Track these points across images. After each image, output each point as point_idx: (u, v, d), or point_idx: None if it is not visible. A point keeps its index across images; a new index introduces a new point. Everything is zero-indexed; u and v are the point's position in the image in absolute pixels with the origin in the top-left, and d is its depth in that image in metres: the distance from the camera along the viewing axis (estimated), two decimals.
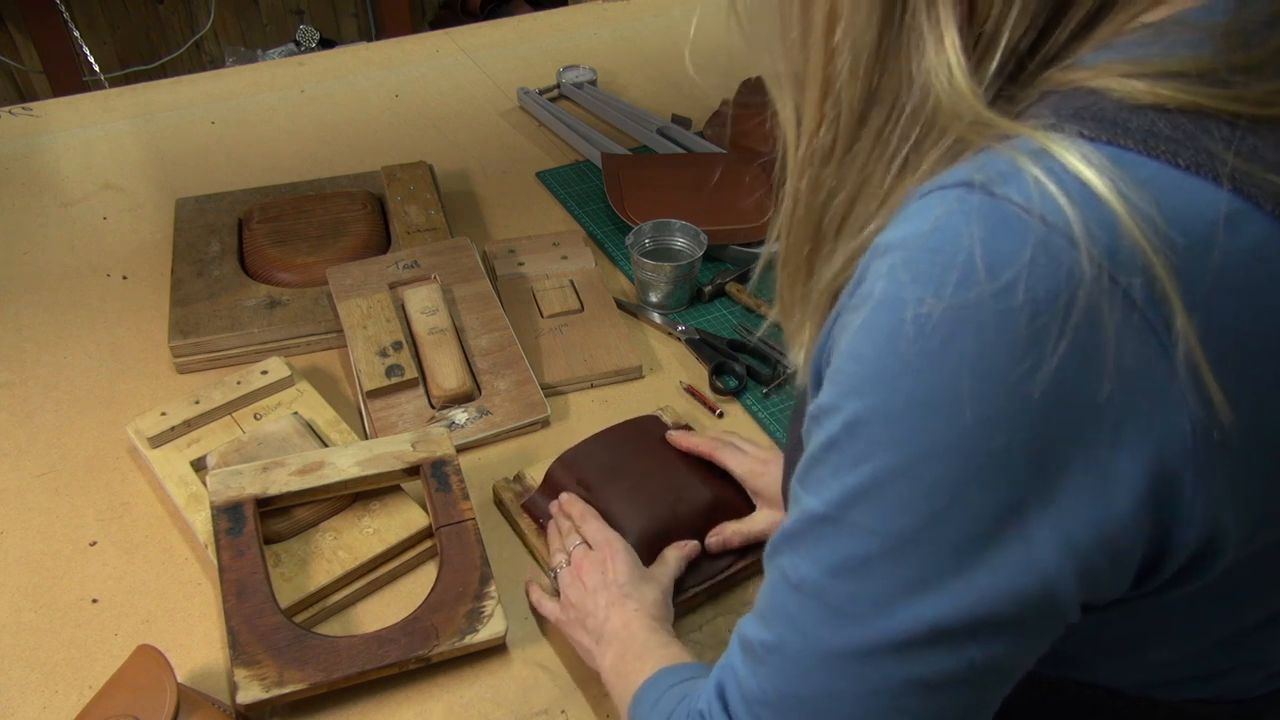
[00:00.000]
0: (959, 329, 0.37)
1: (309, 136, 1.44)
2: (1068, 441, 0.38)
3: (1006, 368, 0.37)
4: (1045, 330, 0.36)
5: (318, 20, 3.14)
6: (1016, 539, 0.39)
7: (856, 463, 0.41)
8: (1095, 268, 0.36)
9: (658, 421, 0.91)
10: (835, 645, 0.43)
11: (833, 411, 0.42)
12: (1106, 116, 0.39)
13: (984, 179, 0.38)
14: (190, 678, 0.74)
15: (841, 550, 0.42)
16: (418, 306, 1.01)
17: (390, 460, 0.83)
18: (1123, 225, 0.36)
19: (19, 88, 2.81)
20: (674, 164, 1.32)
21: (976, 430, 0.38)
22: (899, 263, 0.39)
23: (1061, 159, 0.37)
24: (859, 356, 0.41)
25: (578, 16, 1.82)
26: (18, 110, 1.48)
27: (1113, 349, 0.36)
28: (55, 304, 1.11)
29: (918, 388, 0.39)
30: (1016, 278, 0.36)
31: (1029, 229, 0.36)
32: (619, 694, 0.65)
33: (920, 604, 0.41)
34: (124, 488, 0.90)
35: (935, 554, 0.40)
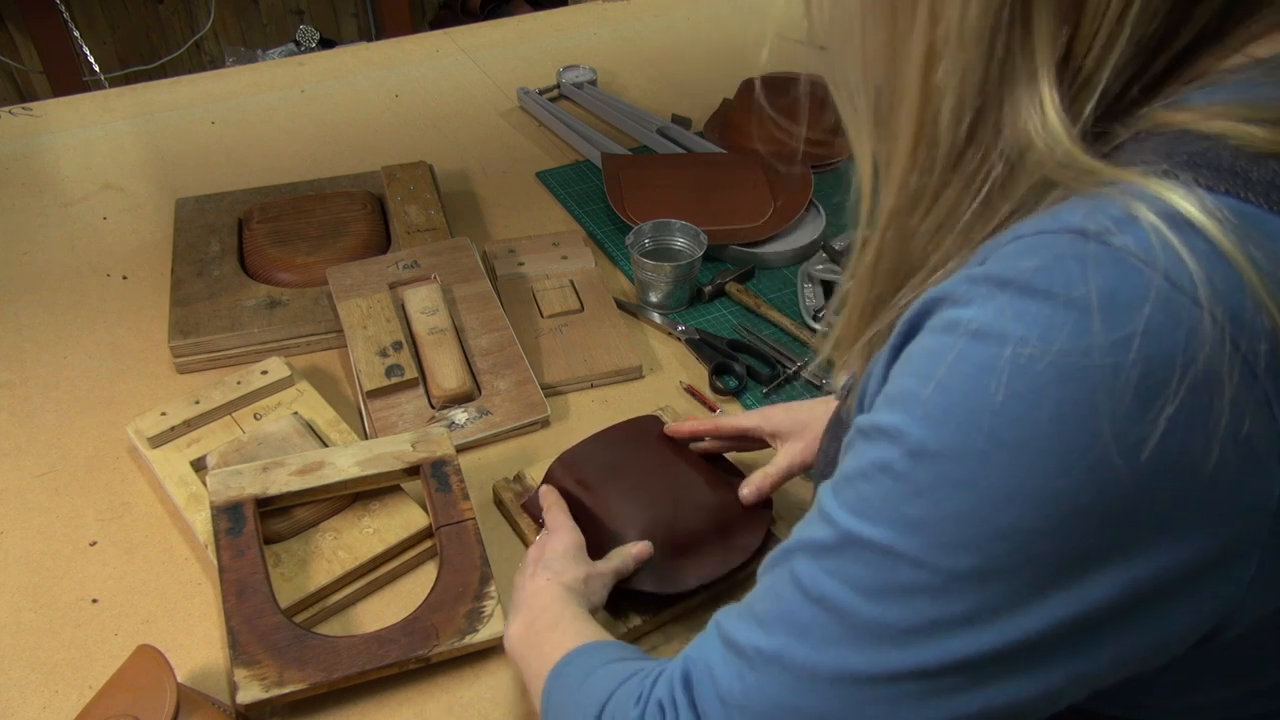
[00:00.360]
0: (1063, 378, 0.35)
1: (309, 136, 1.44)
2: (1155, 505, 0.36)
3: (1106, 426, 0.35)
4: (1156, 392, 0.34)
5: (318, 20, 3.14)
6: (1076, 591, 0.38)
7: (918, 495, 0.39)
8: (1218, 330, 0.34)
9: (658, 421, 0.91)
10: (849, 665, 0.42)
11: (895, 435, 0.40)
12: (1224, 165, 0.37)
13: (1098, 227, 0.36)
14: (190, 678, 0.74)
15: (882, 576, 0.41)
16: (418, 306, 1.01)
17: (390, 460, 0.83)
18: (1248, 286, 0.34)
19: (19, 88, 2.81)
20: (674, 164, 1.32)
21: (1063, 484, 0.36)
22: (1001, 299, 0.37)
23: (1181, 208, 0.35)
24: (941, 385, 0.38)
25: (578, 16, 1.82)
26: (18, 110, 1.48)
27: (1227, 417, 0.34)
28: (55, 304, 1.11)
29: (1005, 430, 0.37)
30: (1133, 334, 0.34)
31: (1150, 284, 0.34)
32: (529, 662, 0.63)
33: (958, 638, 0.40)
34: (124, 488, 0.90)
35: (987, 597, 0.39)
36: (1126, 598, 0.38)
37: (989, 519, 0.38)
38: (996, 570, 0.38)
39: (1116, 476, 0.35)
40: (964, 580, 0.39)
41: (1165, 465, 0.35)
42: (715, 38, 1.74)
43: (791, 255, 1.18)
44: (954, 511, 0.38)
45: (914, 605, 0.40)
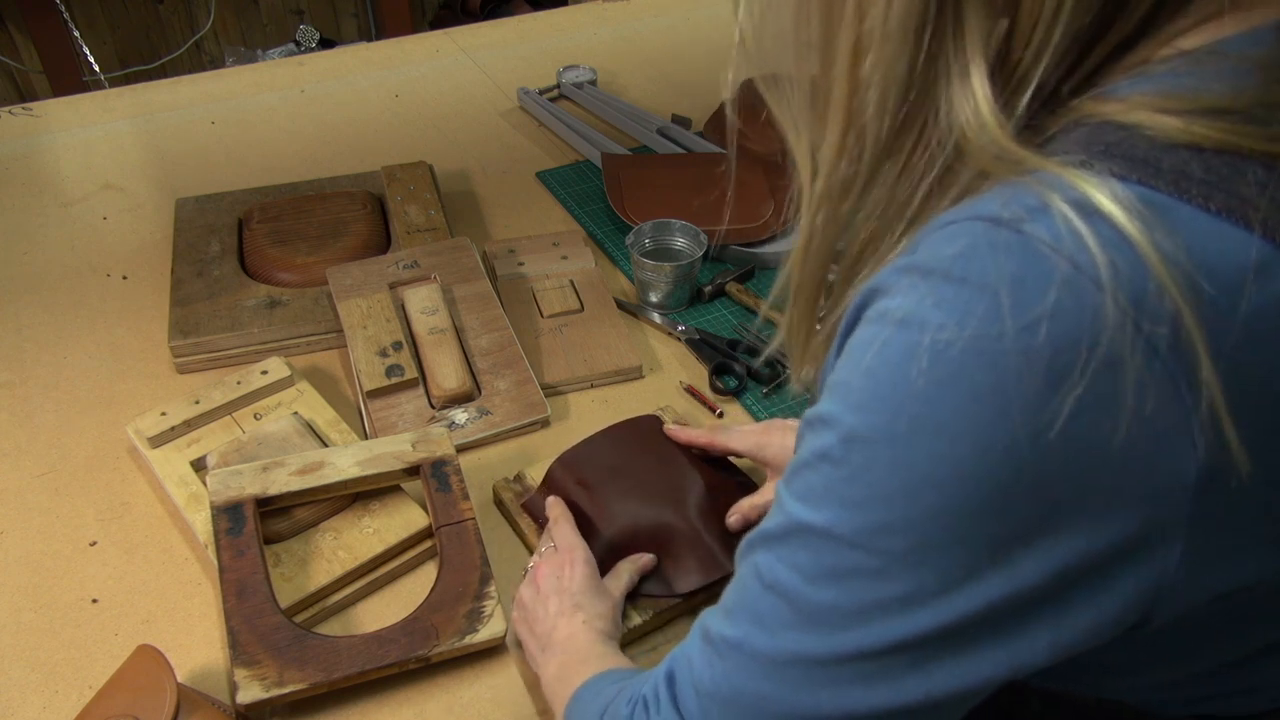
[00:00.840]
0: (976, 361, 0.37)
1: (309, 136, 1.44)
2: (1071, 484, 0.37)
3: (1020, 406, 0.36)
4: (1064, 373, 0.36)
5: (318, 20, 3.14)
6: (1005, 572, 0.39)
7: (852, 479, 0.41)
8: (1120, 313, 0.35)
9: (658, 421, 0.91)
10: (801, 649, 0.43)
11: (831, 422, 0.41)
12: (1138, 155, 0.38)
13: (1012, 215, 0.37)
14: (190, 678, 0.74)
15: (825, 560, 0.42)
16: (418, 306, 1.01)
17: (390, 460, 0.83)
18: (1151, 271, 0.35)
19: (19, 88, 2.81)
20: (674, 164, 1.32)
21: (981, 464, 0.37)
22: (923, 287, 0.39)
23: (1091, 197, 0.36)
24: (868, 371, 0.40)
25: (578, 16, 1.82)
26: (18, 110, 1.48)
27: (1131, 397, 0.36)
28: (55, 304, 1.11)
29: (925, 413, 0.38)
30: (1040, 318, 0.36)
31: (1056, 269, 0.36)
32: (557, 701, 0.65)
33: (897, 620, 0.41)
34: (124, 488, 0.90)
35: (922, 577, 0.40)
36: (1055, 579, 0.39)
37: (917, 500, 0.39)
38: (928, 551, 0.39)
39: (1031, 457, 0.37)
40: (899, 561, 0.40)
41: (1076, 446, 0.36)
42: (715, 38, 1.74)
43: None
44: (884, 493, 0.40)
45: (855, 588, 0.42)
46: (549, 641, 0.69)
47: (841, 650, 0.42)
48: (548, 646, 0.69)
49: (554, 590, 0.72)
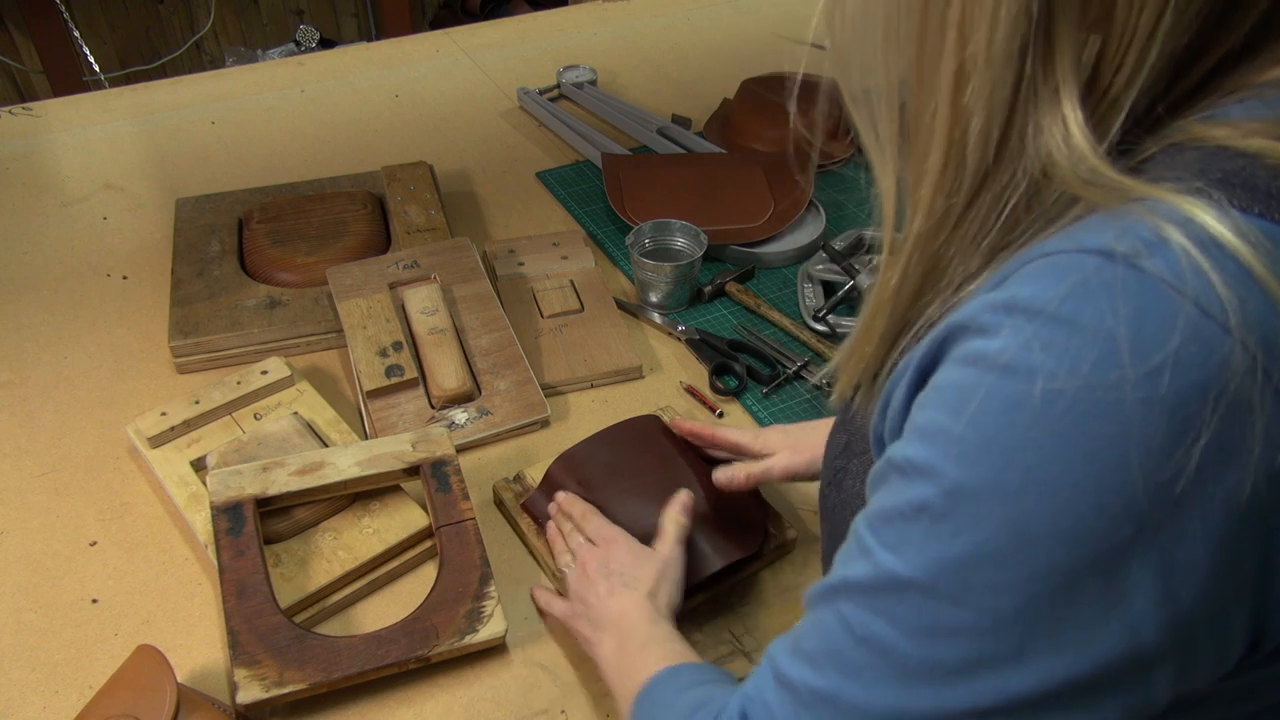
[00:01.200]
0: (1093, 411, 0.35)
1: (309, 136, 1.44)
2: (1193, 544, 0.36)
3: (1140, 460, 0.35)
4: (1190, 423, 0.34)
5: (318, 20, 3.14)
6: (1122, 626, 0.37)
7: (957, 534, 0.39)
8: (1249, 358, 0.33)
9: (658, 421, 0.91)
10: (902, 705, 0.42)
11: (930, 473, 0.40)
12: (1260, 185, 0.36)
13: (1127, 249, 0.35)
14: (190, 678, 0.74)
15: (928, 617, 0.40)
16: (418, 306, 1.01)
17: (390, 460, 0.83)
18: (1277, 305, 0.34)
19: (19, 88, 2.81)
20: (674, 164, 1.32)
21: (1101, 520, 0.36)
22: (1028, 329, 0.37)
23: (1213, 232, 0.34)
24: (973, 421, 0.38)
25: (578, 16, 1.82)
26: (18, 110, 1.48)
27: (1259, 447, 0.34)
28: (55, 304, 1.11)
29: (1039, 467, 0.36)
30: (1163, 364, 0.34)
31: (1180, 311, 0.34)
32: (619, 686, 0.65)
33: (1007, 677, 0.39)
34: (124, 488, 0.90)
35: (1033, 633, 0.38)
36: (1178, 629, 0.37)
37: (1031, 559, 0.37)
38: (1040, 607, 0.38)
39: (1158, 512, 0.35)
40: (1008, 620, 0.38)
41: (1202, 496, 0.35)
42: (715, 38, 1.74)
43: (791, 255, 1.18)
44: (994, 550, 0.38)
45: (960, 645, 0.40)
46: (601, 621, 0.70)
47: (947, 708, 0.41)
48: (600, 625, 0.70)
49: (602, 575, 0.73)
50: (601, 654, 0.69)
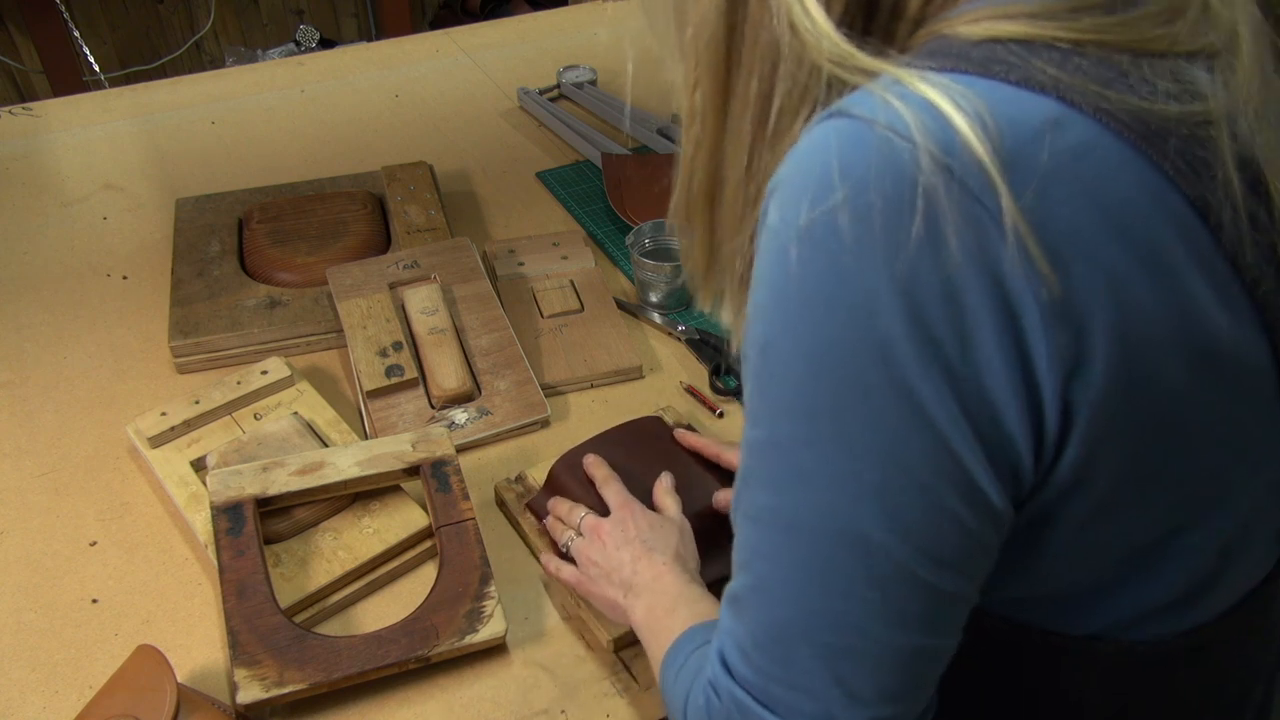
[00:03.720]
0: (827, 233, 0.41)
1: (309, 136, 1.44)
2: (938, 321, 0.41)
3: (871, 259, 0.41)
4: (896, 221, 0.40)
5: (318, 20, 3.14)
6: (921, 423, 0.42)
7: (773, 379, 0.45)
8: (932, 160, 0.40)
9: (660, 423, 0.91)
10: (798, 559, 0.46)
11: (751, 343, 0.46)
12: (953, 51, 0.44)
13: (843, 106, 0.43)
14: (190, 678, 0.74)
15: (781, 466, 0.46)
16: (418, 306, 1.01)
17: (390, 460, 0.83)
18: (955, 124, 0.40)
19: (19, 88, 2.81)
20: (674, 164, 1.31)
21: (860, 323, 0.42)
22: (781, 193, 0.44)
23: (909, 84, 0.42)
24: (759, 283, 0.45)
25: (578, 16, 1.82)
26: (18, 110, 1.48)
27: (953, 233, 0.40)
28: (55, 304, 1.11)
29: (803, 294, 0.43)
30: (865, 177, 0.41)
31: (873, 134, 0.41)
32: (652, 648, 0.66)
33: (856, 499, 0.44)
34: (124, 488, 0.90)
35: (857, 450, 0.43)
36: (964, 413, 0.43)
37: (824, 375, 0.43)
38: (851, 421, 0.43)
39: (898, 301, 0.41)
40: (833, 439, 0.44)
41: (925, 281, 0.41)
42: None
43: None
44: (797, 381, 0.44)
45: (813, 482, 0.45)
46: (632, 585, 0.71)
47: (832, 543, 0.45)
48: (631, 589, 0.71)
49: (624, 541, 0.74)
50: (635, 618, 0.69)
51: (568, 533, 0.79)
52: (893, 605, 0.45)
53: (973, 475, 0.43)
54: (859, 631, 0.46)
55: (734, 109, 0.52)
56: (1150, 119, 0.43)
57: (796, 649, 0.47)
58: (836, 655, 0.46)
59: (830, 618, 0.46)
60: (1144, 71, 0.44)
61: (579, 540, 0.77)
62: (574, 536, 0.78)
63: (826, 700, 0.47)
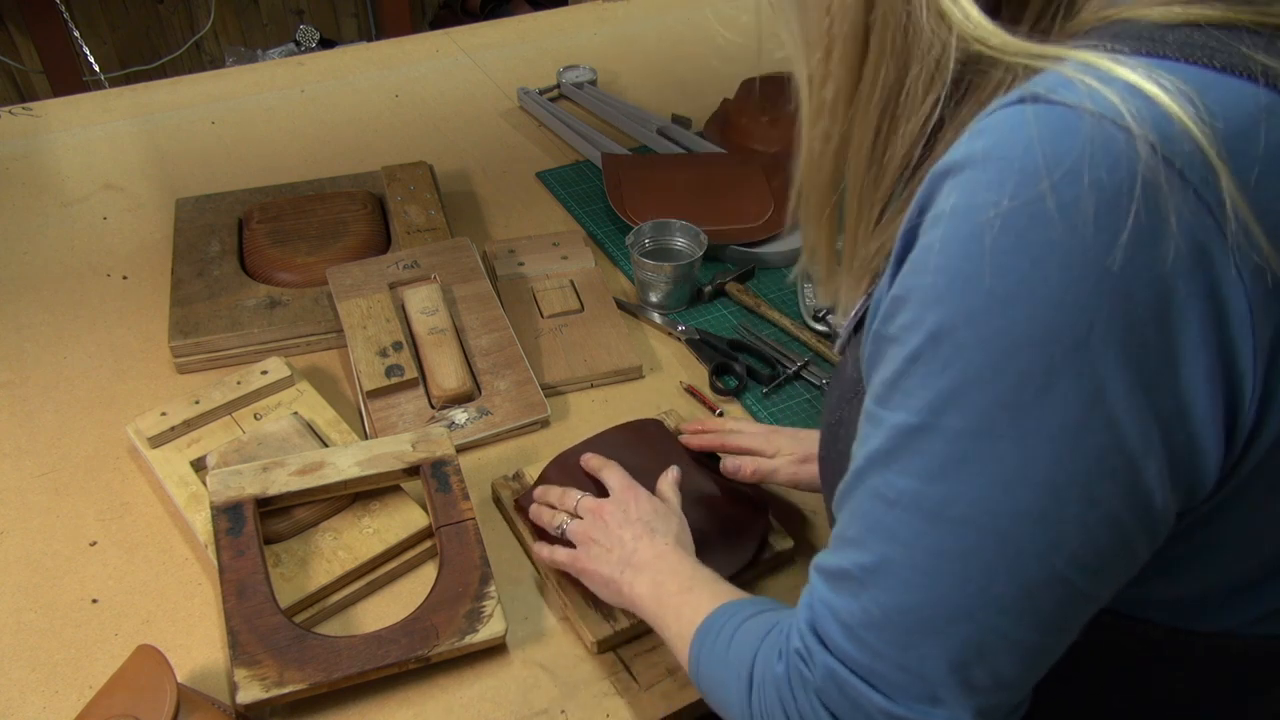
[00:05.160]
0: (1031, 223, 0.40)
1: (309, 136, 1.44)
2: (1145, 320, 0.40)
3: (1080, 252, 0.39)
4: (1112, 211, 0.39)
5: (318, 20, 3.14)
6: (1104, 424, 0.41)
7: (945, 368, 0.43)
8: (1150, 150, 0.38)
9: (659, 425, 0.91)
10: (940, 549, 0.45)
11: (913, 327, 0.44)
12: (1144, 35, 0.42)
13: (1038, 91, 0.41)
14: (190, 678, 0.74)
15: (938, 456, 0.44)
16: (418, 306, 1.01)
17: (390, 460, 0.83)
18: (1169, 111, 0.39)
19: (19, 88, 2.81)
20: (674, 164, 1.32)
21: (1057, 318, 0.40)
22: (968, 177, 0.42)
23: (1105, 68, 0.40)
24: (938, 269, 0.42)
25: (578, 16, 1.82)
26: (18, 110, 1.48)
27: (1173, 223, 0.38)
28: (55, 304, 1.11)
29: (997, 285, 0.41)
30: (1076, 165, 0.39)
31: (1083, 121, 0.39)
32: (666, 625, 0.66)
33: (1017, 496, 0.42)
34: (124, 488, 0.90)
35: (1028, 446, 0.42)
36: (1155, 416, 0.42)
37: (1008, 370, 0.41)
38: (1029, 419, 0.42)
39: (1104, 299, 0.39)
40: (1005, 437, 0.42)
41: (1139, 278, 0.39)
42: (715, 38, 1.74)
43: (791, 255, 1.18)
44: (976, 373, 0.42)
45: (971, 475, 0.43)
46: (631, 562, 0.71)
47: (979, 538, 0.44)
48: (629, 566, 0.71)
49: (624, 521, 0.74)
50: (636, 593, 0.69)
51: (560, 516, 0.78)
52: (1031, 603, 0.44)
53: (1145, 481, 0.42)
54: (989, 626, 0.45)
55: (861, 99, 0.51)
56: None
57: (919, 635, 0.46)
58: (961, 646, 0.45)
59: (963, 610, 0.45)
60: None
61: (575, 523, 0.77)
62: (568, 520, 0.77)
63: (938, 685, 0.46)
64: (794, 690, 0.51)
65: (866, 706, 0.48)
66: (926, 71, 0.47)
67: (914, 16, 0.46)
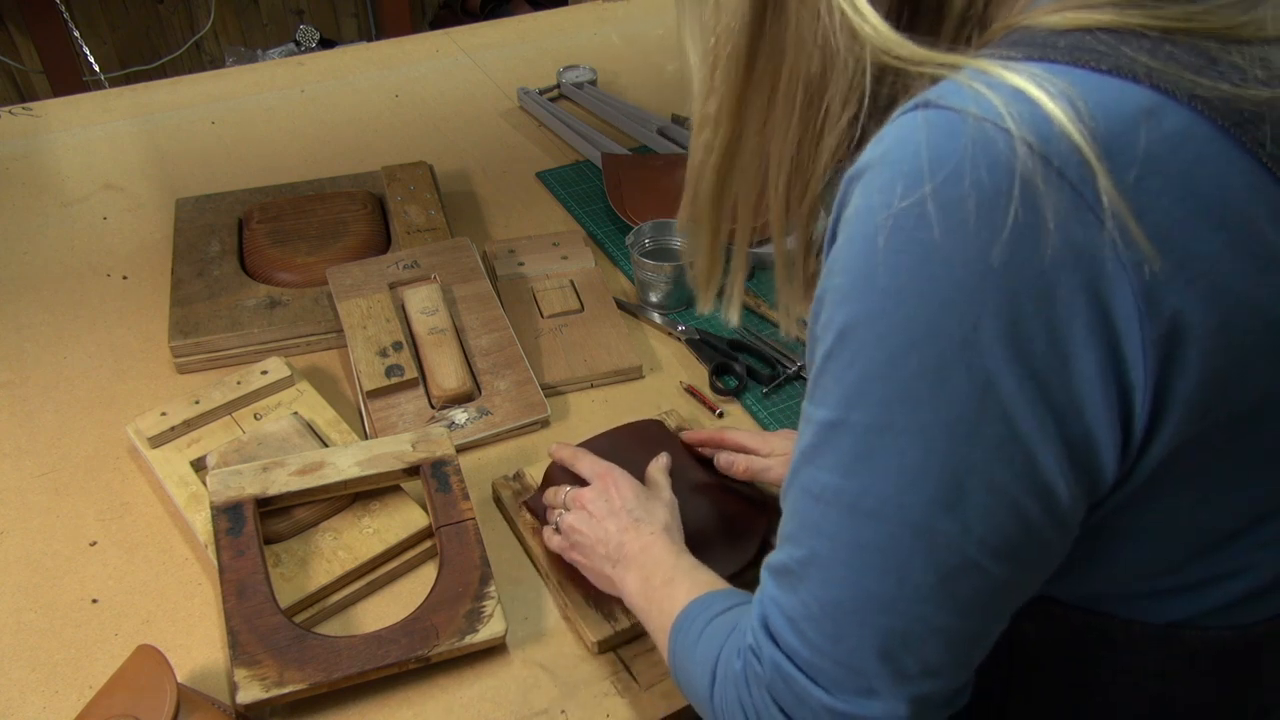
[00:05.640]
0: (917, 223, 0.41)
1: (309, 136, 1.44)
2: (1029, 315, 0.41)
3: (962, 251, 0.41)
4: (992, 210, 0.40)
5: (318, 20, 3.14)
6: (997, 415, 0.42)
7: (850, 365, 0.45)
8: (1026, 148, 0.40)
9: (661, 426, 0.91)
10: (860, 542, 0.46)
11: (828, 326, 0.45)
12: (1037, 41, 0.44)
13: (929, 98, 0.43)
14: (190, 678, 0.74)
15: (850, 449, 0.45)
16: (418, 306, 1.01)
17: (390, 460, 0.83)
18: (1049, 113, 0.40)
19: (19, 88, 2.81)
20: (674, 164, 1.32)
21: (944, 315, 0.41)
22: (867, 180, 0.43)
23: (995, 74, 0.42)
24: (844, 269, 0.44)
25: (578, 16, 1.82)
26: (18, 110, 1.48)
27: (1051, 221, 0.40)
28: (55, 304, 1.11)
29: (890, 283, 0.42)
30: (959, 167, 0.40)
31: (965, 124, 0.41)
32: (650, 618, 0.67)
33: (921, 486, 0.44)
34: (124, 488, 0.90)
35: (927, 438, 0.43)
36: (1046, 408, 0.43)
37: (904, 365, 0.43)
38: (928, 412, 0.43)
39: (989, 295, 0.41)
40: (907, 431, 0.44)
41: (1020, 275, 0.40)
42: None
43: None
44: (876, 369, 0.44)
45: (881, 468, 0.45)
46: (620, 557, 0.71)
47: (895, 529, 0.45)
48: (619, 561, 0.71)
49: (608, 512, 0.74)
50: (626, 589, 0.70)
51: (556, 510, 0.79)
52: (949, 591, 0.45)
53: (1044, 471, 0.43)
54: (912, 614, 0.46)
55: (777, 113, 0.52)
56: (1243, 105, 0.42)
57: (847, 627, 0.47)
58: (886, 635, 0.47)
59: (885, 600, 0.46)
60: (1233, 58, 0.43)
61: (566, 515, 0.77)
62: (562, 512, 0.78)
63: (870, 676, 0.48)
64: (750, 686, 0.52)
65: (810, 702, 0.49)
66: (843, 87, 0.48)
67: (818, 32, 0.48)
